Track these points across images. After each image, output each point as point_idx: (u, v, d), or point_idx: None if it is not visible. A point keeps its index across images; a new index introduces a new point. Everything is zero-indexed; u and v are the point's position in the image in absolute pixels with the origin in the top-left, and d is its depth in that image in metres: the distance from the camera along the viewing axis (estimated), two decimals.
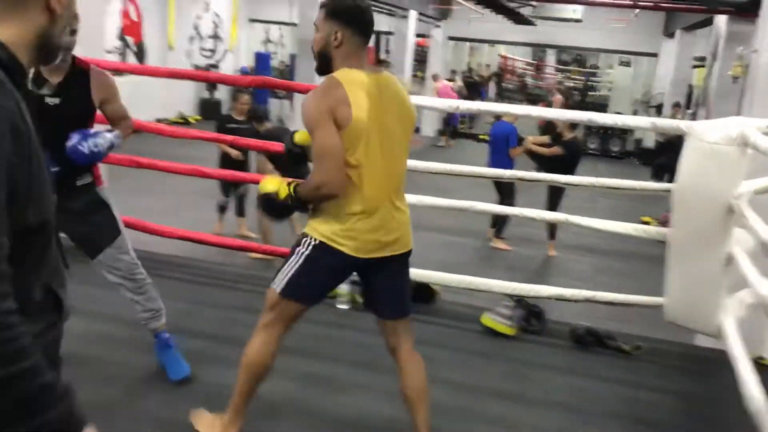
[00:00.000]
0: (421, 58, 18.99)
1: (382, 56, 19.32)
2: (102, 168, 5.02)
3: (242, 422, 2.55)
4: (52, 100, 2.71)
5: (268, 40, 19.28)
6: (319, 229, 2.34)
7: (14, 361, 0.95)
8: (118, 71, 5.04)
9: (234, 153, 6.23)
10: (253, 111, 6.45)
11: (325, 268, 2.38)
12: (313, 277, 2.38)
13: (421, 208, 4.14)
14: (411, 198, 4.29)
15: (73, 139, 2.64)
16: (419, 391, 2.52)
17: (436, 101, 4.97)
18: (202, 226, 6.42)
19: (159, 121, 12.01)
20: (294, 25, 10.07)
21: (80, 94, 2.78)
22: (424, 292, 4.37)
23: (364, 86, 2.25)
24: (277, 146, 4.56)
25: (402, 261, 2.48)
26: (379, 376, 3.33)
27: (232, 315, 3.92)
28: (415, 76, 19.23)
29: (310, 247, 2.35)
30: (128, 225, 4.64)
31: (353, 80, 2.25)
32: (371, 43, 10.60)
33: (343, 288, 4.16)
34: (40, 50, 1.13)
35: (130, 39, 13.25)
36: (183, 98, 14.83)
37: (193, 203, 7.56)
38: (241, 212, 6.89)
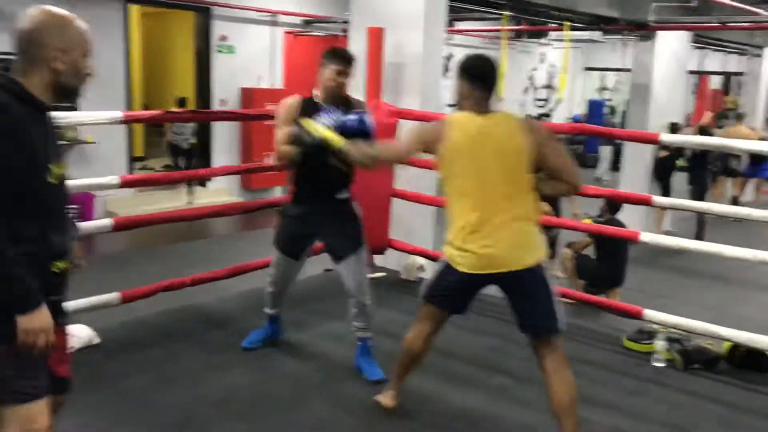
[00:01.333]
0: None
1: (731, 97, 17.64)
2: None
3: (397, 387, 3.14)
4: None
5: (603, 88, 19.01)
6: (445, 250, 2.81)
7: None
8: None
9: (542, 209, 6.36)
10: None
11: (448, 281, 2.80)
12: (441, 288, 2.85)
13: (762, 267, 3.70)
14: (744, 252, 3.88)
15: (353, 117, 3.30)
16: (563, 407, 2.69)
17: None
18: None
19: None
20: (628, 70, 9.80)
21: None
22: (757, 359, 3.87)
23: (462, 125, 2.75)
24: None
25: (528, 279, 2.71)
26: None
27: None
28: None
29: (442, 264, 2.84)
30: None
31: (458, 121, 2.78)
32: (718, 85, 9.76)
33: (661, 345, 3.90)
34: (55, 91, 1.88)
35: None
36: None
37: None
38: (552, 254, 6.93)
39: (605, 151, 14.24)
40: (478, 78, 2.78)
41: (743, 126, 10.56)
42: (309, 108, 3.39)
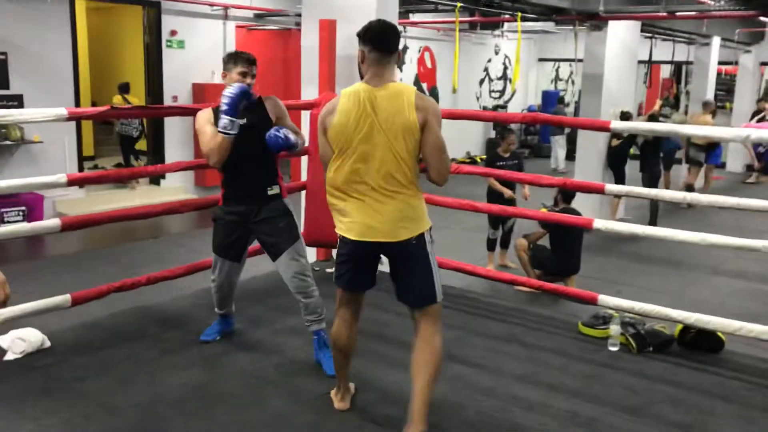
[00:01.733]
0: (729, 88, 17.32)
1: (683, 86, 18.06)
2: None
3: (344, 383, 3.15)
4: (244, 123, 3.44)
5: (557, 78, 19.26)
6: (336, 225, 2.85)
7: None
8: None
9: (507, 193, 6.61)
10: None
11: (345, 257, 2.85)
12: (343, 268, 2.88)
13: (723, 252, 3.78)
14: (692, 236, 3.96)
15: (272, 131, 3.40)
16: (420, 365, 2.80)
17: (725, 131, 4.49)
18: (481, 260, 6.64)
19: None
20: (580, 61, 9.91)
21: (260, 114, 3.54)
22: (710, 340, 3.97)
23: (353, 96, 2.73)
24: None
25: (410, 252, 2.78)
26: (644, 423, 3.13)
27: (495, 345, 3.97)
28: (722, 107, 17.52)
29: (338, 245, 2.87)
30: None
31: (350, 92, 2.76)
32: (669, 74, 9.93)
33: (615, 329, 3.97)
34: None
35: (424, 84, 14.23)
36: (471, 138, 15.43)
37: (471, 238, 7.79)
38: (505, 244, 7.06)
39: (559, 141, 14.42)
40: (374, 40, 2.74)
41: (708, 115, 10.75)
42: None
